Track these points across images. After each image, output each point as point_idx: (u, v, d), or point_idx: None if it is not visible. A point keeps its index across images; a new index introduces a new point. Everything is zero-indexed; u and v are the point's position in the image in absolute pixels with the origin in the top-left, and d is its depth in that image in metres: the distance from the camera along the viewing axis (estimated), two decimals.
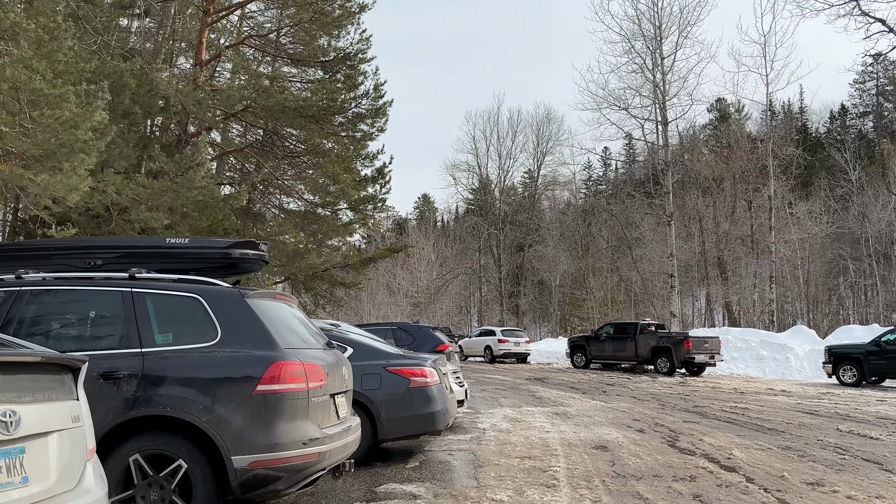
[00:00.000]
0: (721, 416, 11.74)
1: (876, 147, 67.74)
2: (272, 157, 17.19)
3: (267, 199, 19.61)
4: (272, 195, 19.85)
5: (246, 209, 15.42)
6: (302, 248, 16.39)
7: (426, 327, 13.90)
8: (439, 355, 8.27)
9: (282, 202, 18.49)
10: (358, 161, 16.86)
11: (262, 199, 19.78)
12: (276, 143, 17.01)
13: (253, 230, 15.40)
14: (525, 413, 12.08)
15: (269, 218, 15.84)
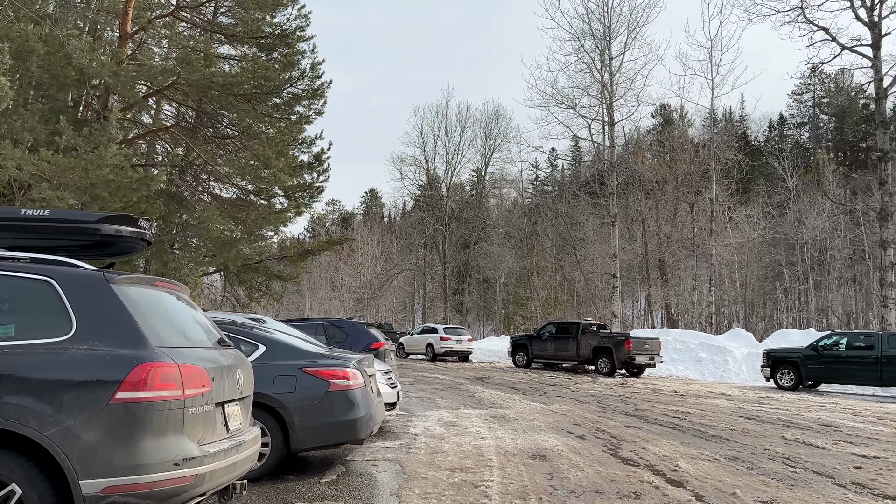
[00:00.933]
0: (663, 421, 11.31)
1: (812, 157, 69.98)
2: (203, 139, 16.07)
3: (198, 185, 18.42)
4: (204, 181, 18.67)
5: (171, 194, 14.31)
6: (230, 237, 15.31)
7: (360, 323, 13.07)
8: (366, 355, 7.50)
9: (212, 188, 17.34)
10: (294, 147, 15.91)
11: (191, 185, 18.59)
12: (207, 124, 15.90)
13: (179, 216, 14.27)
14: (462, 416, 11.40)
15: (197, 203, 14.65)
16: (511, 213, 61.82)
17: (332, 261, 68.58)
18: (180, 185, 15.69)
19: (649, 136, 61.03)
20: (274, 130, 14.49)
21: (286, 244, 25.14)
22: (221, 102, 14.61)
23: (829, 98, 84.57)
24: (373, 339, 12.62)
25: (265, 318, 10.55)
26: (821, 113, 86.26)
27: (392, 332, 38.26)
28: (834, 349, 19.80)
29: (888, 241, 26.68)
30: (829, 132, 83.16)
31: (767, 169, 62.16)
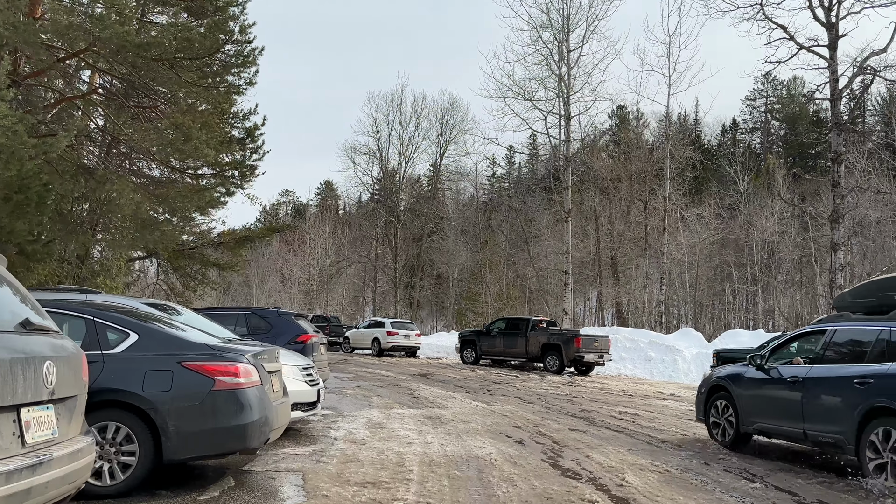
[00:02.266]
0: (610, 424, 10.50)
1: (762, 161, 71.06)
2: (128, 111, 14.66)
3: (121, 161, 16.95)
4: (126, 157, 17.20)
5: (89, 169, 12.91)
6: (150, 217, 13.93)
7: (286, 314, 11.94)
8: (267, 347, 6.41)
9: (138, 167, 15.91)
10: (225, 121, 14.64)
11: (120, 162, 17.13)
12: (130, 94, 14.49)
13: (84, 189, 12.85)
14: (394, 416, 10.39)
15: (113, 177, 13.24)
16: (466, 208, 60.98)
17: (282, 252, 66.82)
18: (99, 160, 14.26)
19: (605, 137, 60.99)
20: (203, 102, 13.19)
21: (223, 231, 23.66)
22: (142, 68, 13.24)
23: (781, 104, 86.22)
24: (299, 330, 11.53)
25: (174, 306, 9.36)
26: (772, 119, 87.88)
27: (339, 326, 37.05)
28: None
29: (839, 243, 26.61)
30: (780, 138, 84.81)
31: (720, 172, 62.76)
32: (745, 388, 8.51)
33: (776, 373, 8.08)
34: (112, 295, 8.83)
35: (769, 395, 8.10)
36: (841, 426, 6.77)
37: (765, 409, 8.11)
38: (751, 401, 8.34)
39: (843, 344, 7.49)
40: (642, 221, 40.02)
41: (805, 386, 7.43)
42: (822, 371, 7.37)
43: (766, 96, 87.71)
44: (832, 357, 7.49)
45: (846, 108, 28.37)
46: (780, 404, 7.82)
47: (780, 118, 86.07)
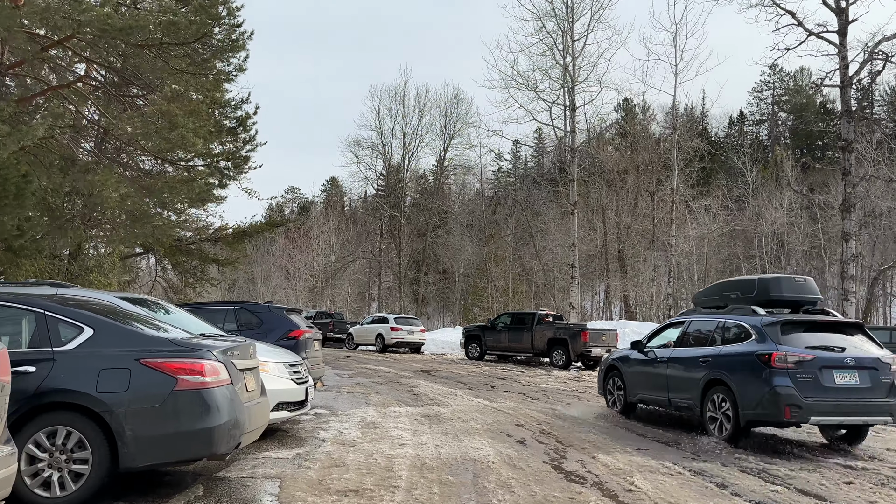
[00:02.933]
0: (618, 422, 9.95)
1: (770, 153, 70.18)
2: (116, 101, 14.17)
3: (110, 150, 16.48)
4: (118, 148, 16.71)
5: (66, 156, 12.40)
6: (141, 210, 13.39)
7: (278, 308, 11.41)
8: (241, 342, 5.87)
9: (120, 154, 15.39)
10: (216, 110, 14.11)
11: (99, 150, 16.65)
12: (115, 83, 14.01)
13: (65, 180, 12.32)
14: (389, 416, 9.86)
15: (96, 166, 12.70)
16: (472, 202, 60.35)
17: (287, 249, 66.40)
18: (85, 152, 13.76)
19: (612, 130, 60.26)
20: (192, 90, 12.66)
21: (221, 226, 23.17)
22: (128, 55, 12.74)
23: (788, 95, 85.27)
24: (291, 325, 11.02)
25: (156, 301, 8.86)
26: (780, 110, 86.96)
27: (342, 322, 36.59)
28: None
29: (850, 232, 25.92)
30: (788, 129, 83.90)
31: (727, 164, 61.96)
32: (630, 367, 10.63)
33: (652, 354, 10.16)
34: (88, 290, 8.33)
35: (646, 372, 10.17)
36: (691, 394, 8.99)
37: (643, 383, 10.24)
38: (634, 377, 10.51)
39: (695, 332, 9.64)
40: (650, 213, 39.32)
41: (669, 364, 9.62)
42: (680, 353, 9.58)
43: (773, 87, 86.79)
44: (688, 341, 9.64)
45: (855, 97, 27.56)
46: (653, 379, 9.94)
47: (788, 109, 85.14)
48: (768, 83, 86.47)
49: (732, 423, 8.21)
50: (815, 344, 8.17)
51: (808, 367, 7.88)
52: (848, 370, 8.00)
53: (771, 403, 7.80)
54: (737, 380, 8.27)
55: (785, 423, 8.01)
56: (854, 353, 8.13)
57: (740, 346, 8.56)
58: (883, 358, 8.22)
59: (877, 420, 8.30)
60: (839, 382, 7.91)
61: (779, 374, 7.85)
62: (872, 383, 8.00)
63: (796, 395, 7.71)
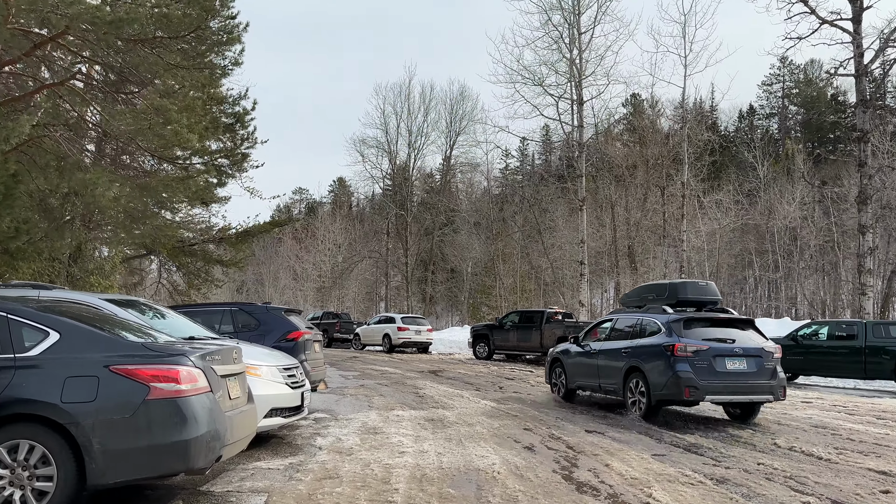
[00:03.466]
0: (631, 424, 9.48)
1: (780, 147, 69.36)
2: (107, 97, 13.80)
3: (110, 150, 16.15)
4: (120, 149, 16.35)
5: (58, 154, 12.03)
6: (138, 209, 12.99)
7: (276, 309, 11.00)
8: (222, 346, 5.44)
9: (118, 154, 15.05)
10: (214, 106, 13.73)
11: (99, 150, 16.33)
12: (109, 80, 13.65)
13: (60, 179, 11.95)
14: (391, 420, 9.44)
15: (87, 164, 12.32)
16: (479, 200, 59.83)
17: (294, 249, 66.15)
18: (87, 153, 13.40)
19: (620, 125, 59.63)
20: (188, 86, 12.28)
21: (224, 226, 22.84)
22: (122, 51, 12.38)
23: (798, 88, 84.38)
24: (290, 327, 10.61)
25: (145, 302, 8.47)
26: (790, 103, 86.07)
27: (349, 323, 36.20)
28: (814, 339, 18.37)
29: (866, 225, 25.30)
30: (799, 122, 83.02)
31: (737, 158, 61.20)
32: (570, 358, 12.29)
33: (588, 347, 11.83)
34: (73, 292, 7.95)
35: (583, 363, 11.85)
36: (615, 379, 10.69)
37: (581, 372, 11.89)
38: (573, 367, 12.17)
39: (619, 327, 11.35)
40: (660, 208, 38.68)
41: (599, 355, 11.35)
42: (608, 345, 11.29)
43: (783, 80, 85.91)
44: (614, 336, 11.34)
45: (870, 86, 26.88)
46: (588, 368, 11.62)
47: (798, 102, 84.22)
48: (778, 76, 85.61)
49: (646, 402, 9.88)
50: (710, 336, 9.85)
51: (704, 356, 9.52)
52: (737, 358, 9.66)
53: (674, 385, 9.43)
54: (649, 367, 9.92)
55: (685, 401, 9.63)
56: (743, 344, 9.81)
57: (652, 339, 10.20)
58: (767, 347, 9.90)
59: (761, 398, 9.77)
60: (730, 368, 9.57)
61: (680, 361, 9.46)
62: (758, 368, 9.66)
63: (694, 378, 9.34)
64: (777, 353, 9.95)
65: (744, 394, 9.65)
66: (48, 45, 13.76)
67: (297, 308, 12.62)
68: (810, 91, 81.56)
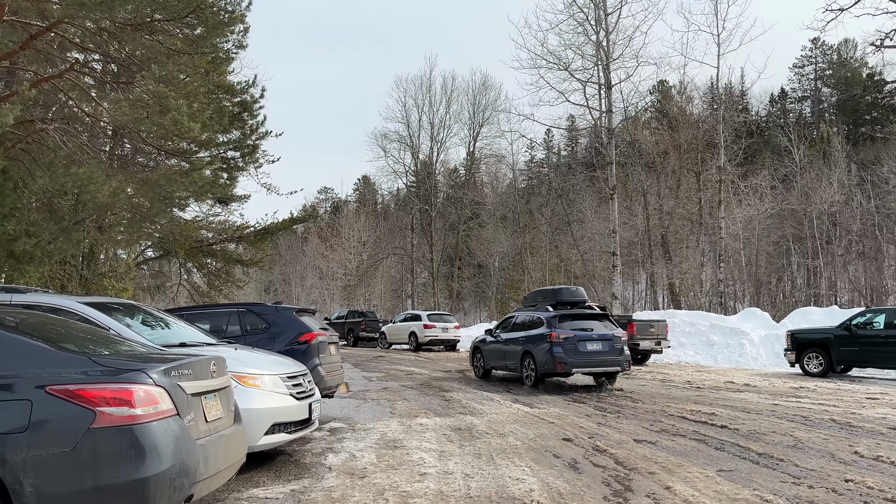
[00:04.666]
0: (685, 431, 8.39)
1: (815, 131, 67.03)
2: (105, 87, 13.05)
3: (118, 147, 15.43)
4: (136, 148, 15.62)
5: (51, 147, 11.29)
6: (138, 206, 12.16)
7: (287, 309, 10.08)
8: (197, 358, 4.49)
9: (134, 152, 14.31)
10: (220, 95, 12.89)
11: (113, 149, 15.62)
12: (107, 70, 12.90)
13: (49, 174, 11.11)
14: (414, 430, 8.48)
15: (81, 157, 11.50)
16: (505, 194, 58.60)
17: (320, 249, 65.64)
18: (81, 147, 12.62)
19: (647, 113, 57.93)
20: (190, 73, 11.43)
21: (242, 224, 22.09)
22: (120, 37, 11.59)
23: (832, 70, 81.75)
24: (302, 328, 9.69)
25: (131, 304, 7.62)
26: (823, 86, 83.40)
27: (374, 321, 35.34)
28: (869, 328, 17.04)
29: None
30: (833, 105, 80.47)
31: (771, 142, 59.16)
32: (486, 346, 15.76)
33: (499, 337, 15.24)
34: (51, 295, 7.10)
35: (495, 349, 15.28)
36: (516, 360, 14.17)
37: (494, 356, 15.34)
38: (488, 353, 15.59)
39: (519, 321, 14.73)
40: (696, 193, 37.14)
41: (505, 343, 14.80)
42: (511, 335, 14.69)
43: (815, 62, 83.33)
44: (515, 328, 14.71)
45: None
46: (498, 353, 15.07)
47: (832, 84, 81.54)
48: (810, 58, 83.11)
49: (535, 376, 13.51)
50: (577, 327, 13.44)
51: (571, 341, 13.10)
52: (595, 341, 13.25)
53: (551, 363, 13.02)
54: (536, 350, 13.49)
55: (559, 373, 13.21)
56: (599, 332, 13.44)
57: (538, 330, 13.75)
58: (616, 333, 13.56)
59: (613, 370, 13.46)
60: (590, 349, 13.18)
61: (555, 345, 13.04)
62: (609, 348, 13.27)
63: (565, 357, 12.93)
64: (624, 338, 13.75)
65: (600, 366, 13.31)
66: (45, 35, 13.03)
67: (311, 308, 11.68)
68: (844, 72, 78.92)
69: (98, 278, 18.20)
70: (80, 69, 12.09)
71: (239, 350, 6.93)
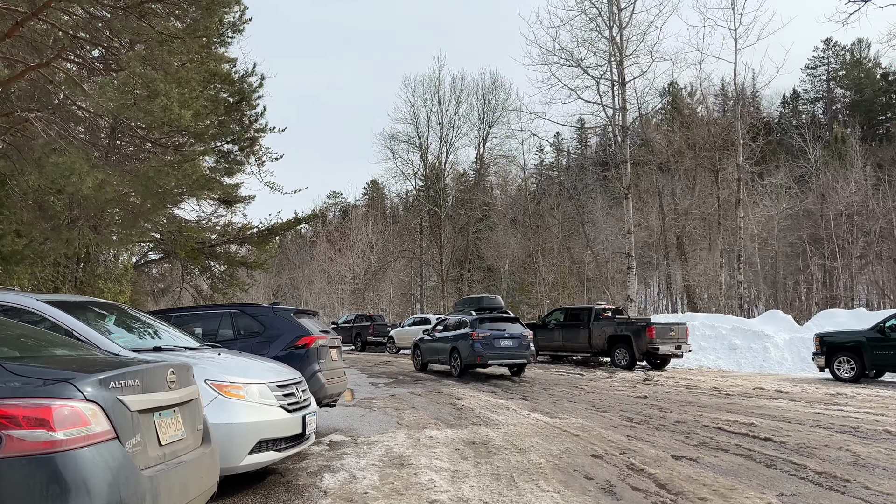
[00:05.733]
0: (727, 444, 7.49)
1: (828, 132, 65.88)
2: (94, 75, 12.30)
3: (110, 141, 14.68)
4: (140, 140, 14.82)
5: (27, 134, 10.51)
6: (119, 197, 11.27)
7: (284, 310, 9.21)
8: (150, 364, 3.65)
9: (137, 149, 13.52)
10: (218, 84, 12.09)
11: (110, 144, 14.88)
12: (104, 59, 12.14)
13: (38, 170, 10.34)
14: (423, 444, 7.61)
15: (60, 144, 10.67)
16: (515, 195, 57.58)
17: (328, 252, 64.86)
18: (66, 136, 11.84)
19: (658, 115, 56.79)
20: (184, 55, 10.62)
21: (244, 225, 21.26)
22: (107, 23, 10.83)
23: (844, 70, 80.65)
24: (300, 331, 8.83)
25: (120, 306, 6.82)
26: (836, 86, 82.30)
27: (383, 325, 34.54)
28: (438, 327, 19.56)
29: None
30: (846, 106, 79.32)
31: (785, 143, 58.02)
32: (424, 344, 19.02)
33: (434, 336, 18.55)
34: (8, 292, 6.28)
35: (431, 346, 18.51)
36: (446, 355, 17.36)
37: (430, 352, 18.57)
38: (426, 349, 18.83)
39: (449, 324, 18.04)
40: (712, 193, 36.06)
41: (437, 341, 18.15)
42: (443, 335, 17.98)
43: (827, 63, 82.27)
44: (447, 329, 17.99)
45: None
46: (433, 349, 18.36)
47: (846, 85, 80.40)
48: (822, 59, 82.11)
49: (460, 367, 16.65)
50: (493, 328, 16.50)
51: (488, 339, 16.20)
52: (506, 339, 16.34)
53: (472, 356, 16.17)
54: (461, 346, 16.59)
55: (478, 364, 16.35)
56: (510, 332, 16.53)
57: (463, 330, 16.82)
58: (523, 333, 16.71)
59: (521, 361, 16.64)
60: (502, 345, 16.26)
61: (475, 342, 16.14)
62: (519, 345, 16.42)
63: (483, 351, 16.06)
64: (530, 336, 16.93)
65: (511, 359, 16.53)
66: (30, 21, 12.28)
67: (311, 309, 10.82)
68: (858, 72, 77.78)
69: (93, 280, 17.45)
70: (70, 58, 11.36)
71: (223, 355, 6.09)
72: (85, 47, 12.77)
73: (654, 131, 40.99)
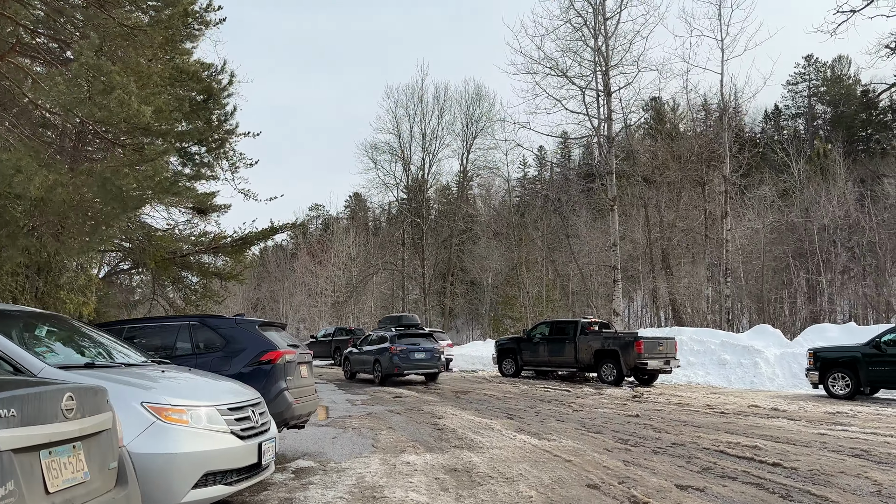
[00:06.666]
0: (733, 472, 6.80)
1: (809, 147, 66.28)
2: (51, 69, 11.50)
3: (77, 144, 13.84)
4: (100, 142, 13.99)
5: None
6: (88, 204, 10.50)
7: (249, 322, 8.42)
8: (17, 389, 2.90)
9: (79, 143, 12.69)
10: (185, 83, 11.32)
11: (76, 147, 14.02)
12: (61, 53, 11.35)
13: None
14: (399, 471, 6.86)
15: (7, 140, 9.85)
16: (499, 207, 57.00)
17: (309, 265, 63.82)
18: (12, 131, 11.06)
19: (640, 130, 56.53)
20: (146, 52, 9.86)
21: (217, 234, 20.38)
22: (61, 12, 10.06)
23: (826, 87, 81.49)
24: (265, 345, 8.04)
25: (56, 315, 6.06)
26: (817, 103, 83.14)
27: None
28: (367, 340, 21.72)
29: None
30: (827, 122, 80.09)
31: (768, 158, 58.15)
32: (353, 356, 21.57)
33: (361, 350, 21.11)
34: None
35: (358, 358, 21.10)
36: (370, 366, 20.13)
37: (357, 363, 21.17)
38: (354, 361, 21.43)
39: (374, 338, 20.83)
40: (698, 205, 35.70)
41: (364, 353, 20.73)
42: (368, 348, 20.66)
43: (808, 80, 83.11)
44: (372, 343, 20.69)
45: None
46: (360, 361, 20.94)
47: (827, 101, 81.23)
48: (803, 75, 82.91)
49: (381, 376, 19.18)
50: (409, 342, 19.32)
51: (404, 352, 18.96)
52: (421, 352, 19.18)
53: (391, 367, 18.90)
54: (381, 358, 19.21)
55: (396, 374, 19.06)
56: (424, 346, 19.39)
57: (384, 344, 19.52)
58: (437, 347, 19.82)
59: (433, 371, 19.55)
60: (417, 357, 19.08)
61: (394, 355, 18.88)
62: (431, 357, 19.28)
63: (400, 363, 18.83)
64: (441, 349, 20.27)
65: (424, 369, 19.26)
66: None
67: (279, 322, 10.02)
68: (838, 89, 78.57)
69: (55, 291, 16.50)
70: (27, 52, 10.57)
71: (167, 373, 5.31)
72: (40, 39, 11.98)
73: (638, 144, 40.67)
